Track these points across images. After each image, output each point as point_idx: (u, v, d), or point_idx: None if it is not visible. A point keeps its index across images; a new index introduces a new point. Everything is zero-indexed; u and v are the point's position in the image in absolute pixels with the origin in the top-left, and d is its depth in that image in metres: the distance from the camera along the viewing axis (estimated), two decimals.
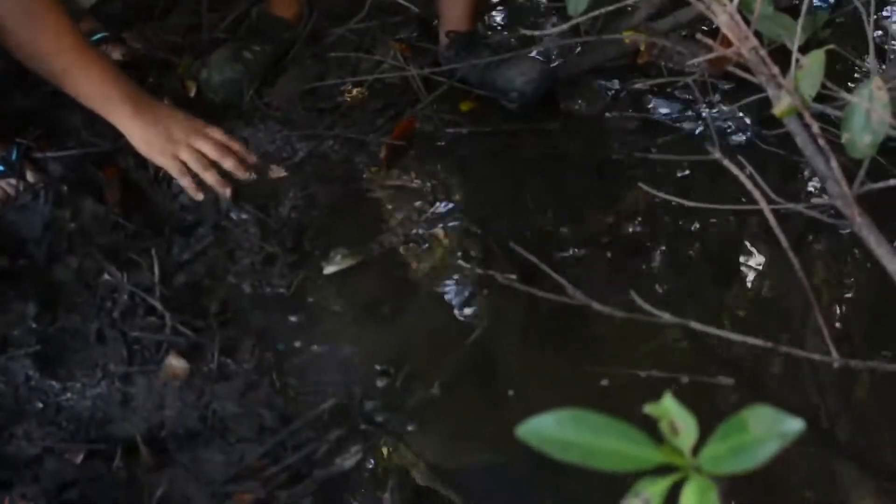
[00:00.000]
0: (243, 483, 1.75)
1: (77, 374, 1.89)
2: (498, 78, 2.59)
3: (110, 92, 1.97)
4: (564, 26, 1.82)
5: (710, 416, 0.69)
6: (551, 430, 0.66)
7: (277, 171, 2.33)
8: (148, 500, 1.72)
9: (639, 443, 0.66)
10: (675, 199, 2.00)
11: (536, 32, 2.74)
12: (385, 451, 1.82)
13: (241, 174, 2.09)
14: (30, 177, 2.17)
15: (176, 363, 1.90)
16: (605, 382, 1.91)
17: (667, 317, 1.64)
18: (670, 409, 0.68)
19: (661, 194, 2.05)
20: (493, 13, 3.02)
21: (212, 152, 2.04)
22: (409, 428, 1.85)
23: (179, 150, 2.01)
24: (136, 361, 1.91)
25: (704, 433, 0.67)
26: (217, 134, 2.07)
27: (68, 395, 1.86)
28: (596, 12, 1.73)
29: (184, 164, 2.03)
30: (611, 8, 1.85)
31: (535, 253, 1.97)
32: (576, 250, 2.23)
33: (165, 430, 1.83)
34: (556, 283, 1.77)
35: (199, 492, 1.74)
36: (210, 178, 2.05)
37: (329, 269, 2.14)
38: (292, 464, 1.78)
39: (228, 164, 2.06)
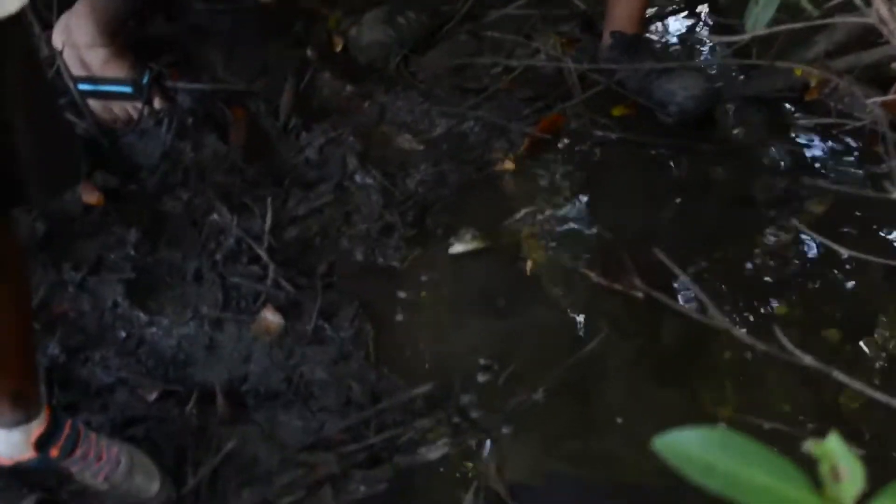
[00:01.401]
0: (318, 454, 1.64)
1: (167, 310, 1.81)
2: (658, 88, 2.45)
3: None
4: (741, 40, 1.68)
5: None
6: (694, 448, 0.55)
7: (410, 143, 2.23)
8: (214, 453, 1.62)
9: (795, 483, 0.54)
10: (830, 244, 1.85)
11: (712, 39, 2.59)
12: (474, 449, 1.69)
13: None
14: (157, 103, 2.11)
15: (271, 317, 1.81)
16: (720, 426, 1.76)
17: (808, 360, 1.49)
18: (835, 451, 0.56)
19: (816, 236, 1.90)
20: (663, 21, 2.88)
21: None
22: (504, 430, 1.73)
23: None
24: (230, 308, 1.83)
25: None
26: None
27: (154, 329, 1.78)
28: (774, 28, 1.58)
29: None
30: (792, 27, 1.70)
31: (663, 274, 1.82)
32: (707, 277, 2.08)
33: (247, 384, 1.75)
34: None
35: (269, 454, 1.64)
36: None
37: (456, 249, 2.04)
38: (374, 444, 1.67)
39: None
